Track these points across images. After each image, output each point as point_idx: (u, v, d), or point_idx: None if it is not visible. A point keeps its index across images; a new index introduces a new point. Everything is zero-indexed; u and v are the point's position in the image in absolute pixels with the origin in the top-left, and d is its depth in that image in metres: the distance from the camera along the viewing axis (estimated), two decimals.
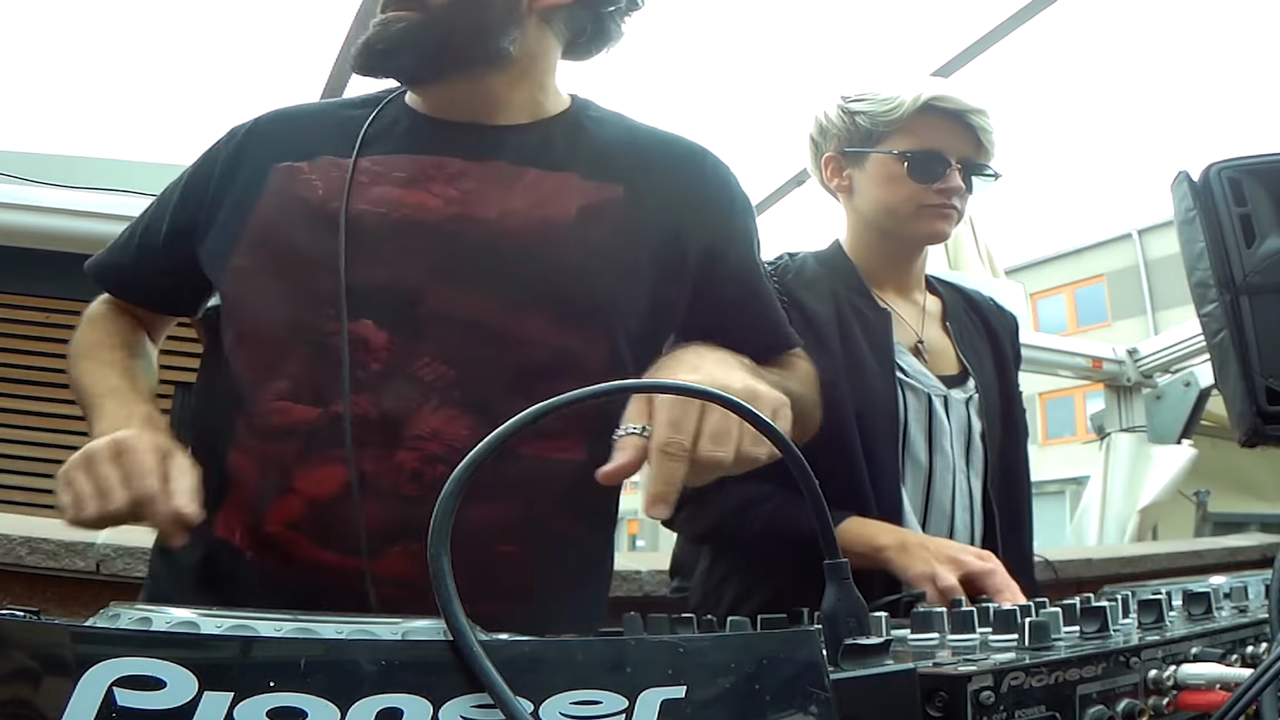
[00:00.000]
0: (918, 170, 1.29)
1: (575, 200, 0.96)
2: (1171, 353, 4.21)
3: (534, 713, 0.40)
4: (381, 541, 0.87)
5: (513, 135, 0.98)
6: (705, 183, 1.03)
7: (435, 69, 0.96)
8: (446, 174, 0.94)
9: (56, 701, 0.35)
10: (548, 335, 0.91)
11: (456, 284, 0.90)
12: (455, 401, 0.89)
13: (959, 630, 0.66)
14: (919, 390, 1.32)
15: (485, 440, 0.48)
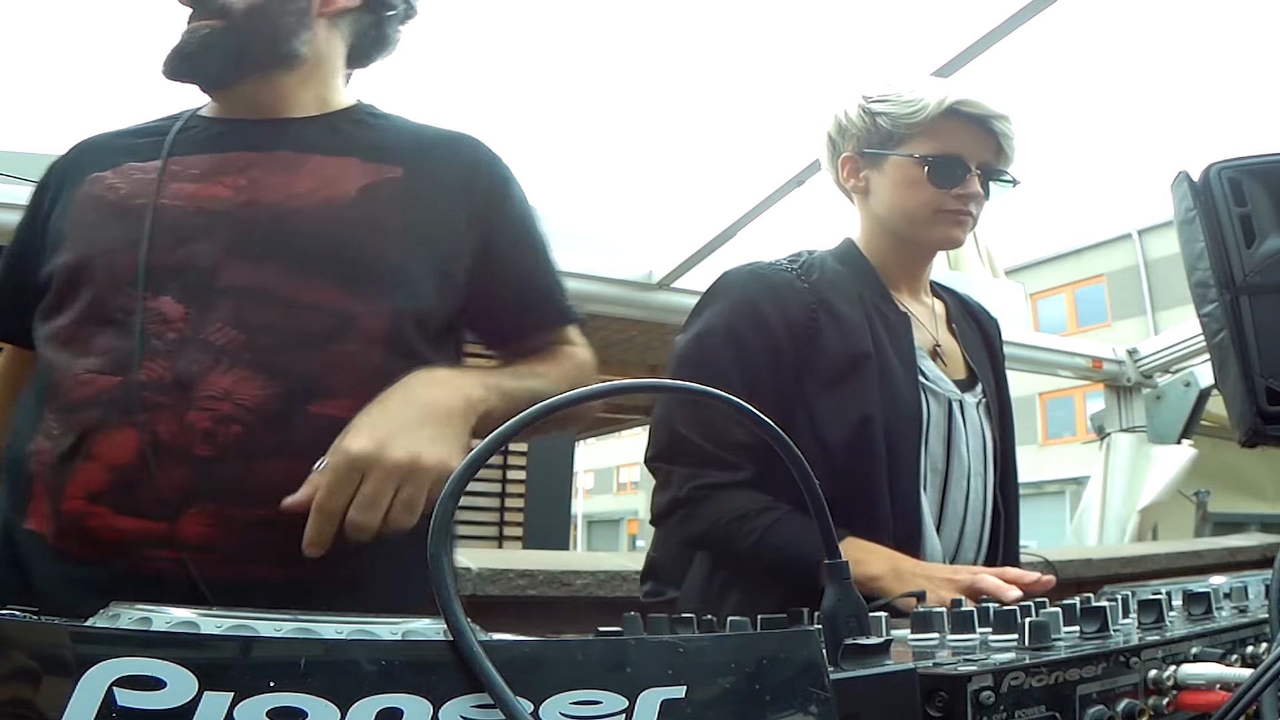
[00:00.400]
0: (937, 175, 1.27)
1: (356, 180, 1.06)
2: (1171, 353, 4.22)
3: (534, 713, 0.40)
4: (180, 504, 0.92)
5: (297, 126, 1.09)
6: (477, 165, 1.13)
7: (236, 72, 1.07)
8: (236, 166, 1.05)
9: (56, 701, 0.35)
10: (329, 300, 1.00)
11: (246, 260, 1.00)
12: (245, 362, 0.96)
13: (959, 630, 0.66)
14: (940, 395, 1.31)
15: (485, 441, 0.48)
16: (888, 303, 1.33)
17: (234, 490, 0.93)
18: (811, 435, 1.23)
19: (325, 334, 0.99)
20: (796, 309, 1.26)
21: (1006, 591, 1.10)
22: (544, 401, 0.51)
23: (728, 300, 1.31)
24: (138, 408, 0.94)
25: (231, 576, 0.93)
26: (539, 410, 0.51)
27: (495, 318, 1.17)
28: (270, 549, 0.92)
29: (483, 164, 1.14)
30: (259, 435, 0.95)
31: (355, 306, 1.01)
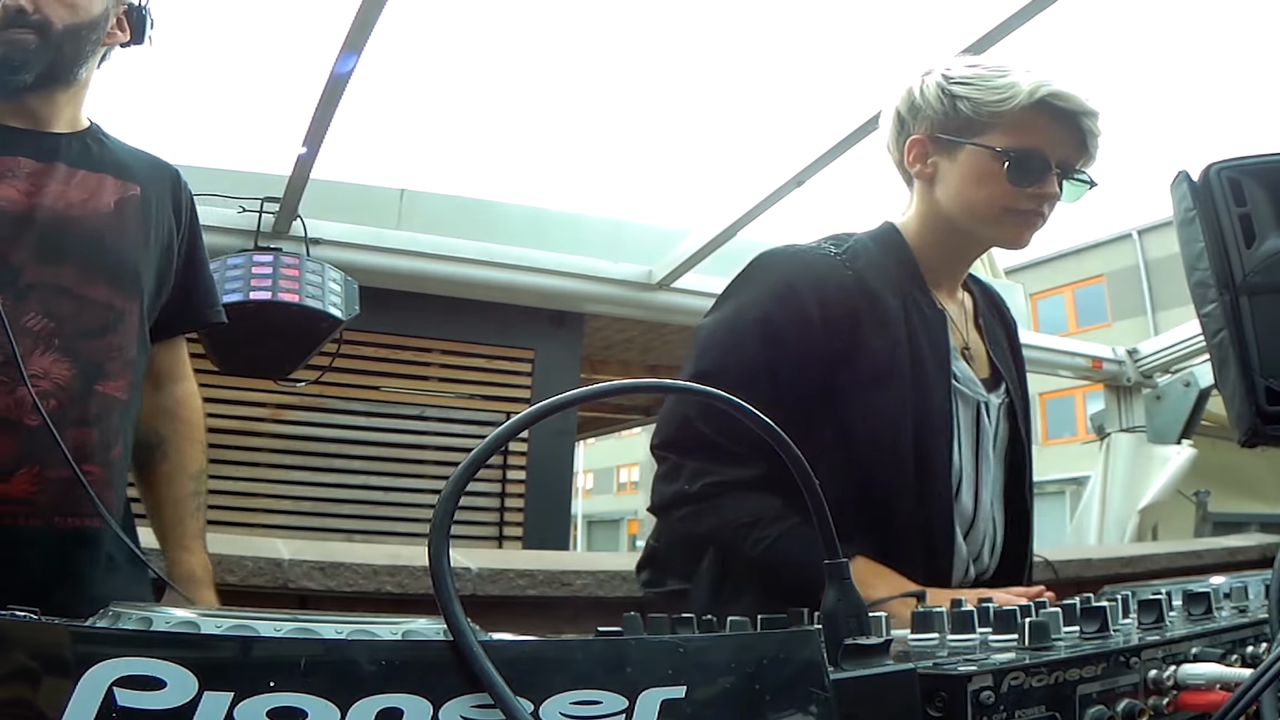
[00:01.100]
0: (1017, 172, 1.18)
1: (112, 195, 1.25)
2: (1171, 353, 4.21)
3: (534, 713, 0.40)
4: (11, 465, 1.12)
5: (63, 142, 1.25)
6: (176, 186, 1.37)
7: (35, 85, 1.21)
8: (24, 171, 1.20)
9: (56, 701, 0.35)
10: (105, 297, 1.21)
11: (43, 259, 1.17)
12: (56, 348, 1.16)
13: (959, 630, 0.66)
14: (969, 398, 1.27)
15: (485, 441, 0.48)
16: (926, 298, 1.26)
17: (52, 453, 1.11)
18: (839, 435, 1.19)
19: (104, 326, 1.21)
20: (838, 301, 1.19)
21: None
22: (544, 402, 0.51)
23: (767, 285, 1.23)
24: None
25: (43, 526, 1.14)
26: (539, 410, 0.51)
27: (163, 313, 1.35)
28: (77, 504, 1.15)
29: (184, 189, 1.38)
30: (68, 408, 1.16)
31: (120, 304, 1.23)
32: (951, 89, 1.21)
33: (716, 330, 1.24)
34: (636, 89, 67.43)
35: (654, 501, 1.26)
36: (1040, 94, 1.16)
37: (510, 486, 3.75)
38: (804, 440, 1.12)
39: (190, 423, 1.41)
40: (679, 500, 1.22)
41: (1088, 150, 1.21)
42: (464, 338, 3.74)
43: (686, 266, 3.34)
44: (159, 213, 1.31)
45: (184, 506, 1.37)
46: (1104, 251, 18.34)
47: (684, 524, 1.25)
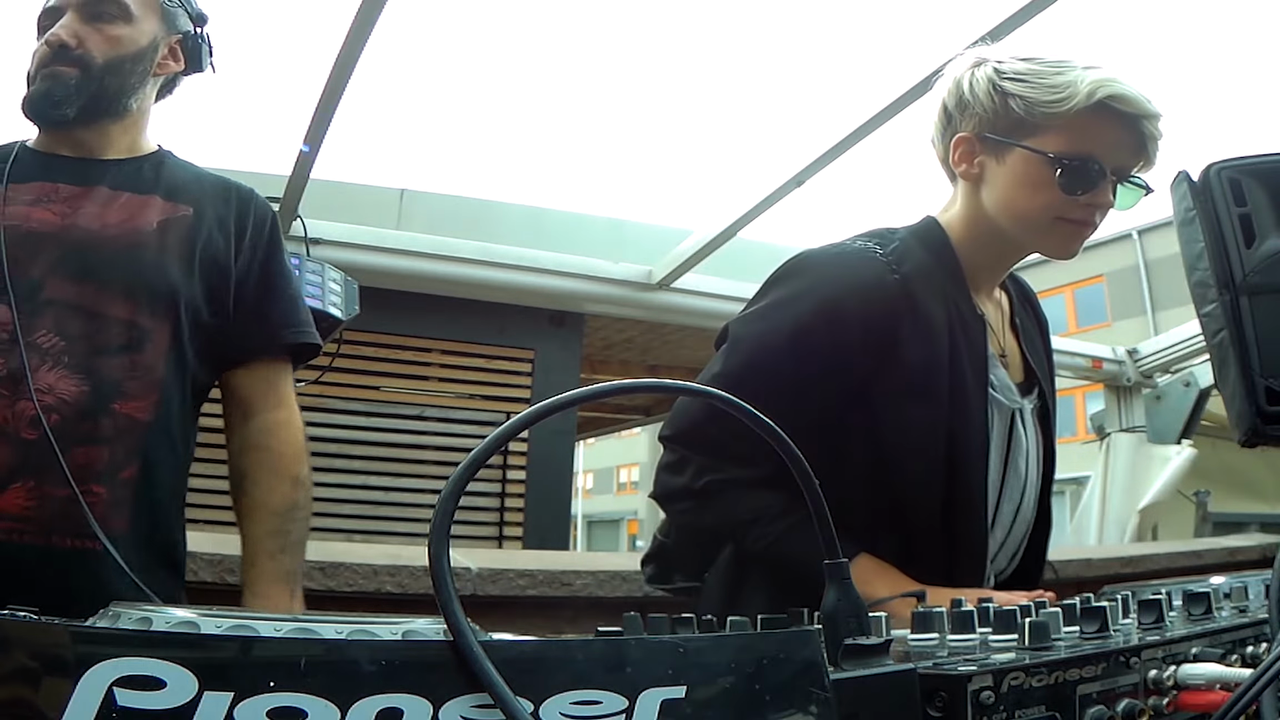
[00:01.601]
0: (1070, 179, 1.11)
1: (156, 216, 1.25)
2: (1171, 353, 4.21)
3: (534, 713, 0.40)
4: (7, 479, 1.10)
5: (115, 167, 1.27)
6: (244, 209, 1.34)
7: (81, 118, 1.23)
8: (61, 196, 1.22)
9: (56, 701, 0.35)
10: (128, 315, 1.19)
11: (65, 277, 1.17)
12: (65, 365, 1.15)
13: (959, 630, 0.66)
14: (1004, 406, 1.23)
15: (485, 441, 0.48)
16: (967, 303, 1.20)
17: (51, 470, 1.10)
18: (872, 444, 1.15)
19: (125, 345, 1.19)
20: (881, 312, 1.13)
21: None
22: (544, 402, 0.51)
23: (808, 290, 1.17)
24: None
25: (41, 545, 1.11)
26: (538, 410, 0.51)
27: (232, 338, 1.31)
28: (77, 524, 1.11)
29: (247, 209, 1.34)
30: (72, 425, 1.13)
31: (149, 323, 1.20)
32: (1004, 85, 1.13)
33: (748, 334, 1.19)
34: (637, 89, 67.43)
35: (656, 491, 1.24)
36: (1100, 95, 1.08)
37: (510, 486, 3.75)
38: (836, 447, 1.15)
39: (277, 453, 1.30)
40: (682, 494, 1.20)
41: (1146, 154, 1.14)
42: (464, 338, 3.74)
43: (686, 266, 3.34)
44: (212, 233, 1.29)
45: (260, 545, 1.26)
46: (1104, 251, 18.33)
47: (686, 518, 1.25)
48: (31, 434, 1.10)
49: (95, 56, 1.23)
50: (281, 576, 1.25)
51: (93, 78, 1.23)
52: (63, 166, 1.25)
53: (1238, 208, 0.94)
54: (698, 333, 4.18)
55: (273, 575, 1.25)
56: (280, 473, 1.29)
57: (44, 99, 1.22)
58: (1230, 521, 4.70)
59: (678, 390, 0.63)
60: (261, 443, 1.30)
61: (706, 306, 3.55)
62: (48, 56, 1.22)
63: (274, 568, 1.25)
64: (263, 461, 1.29)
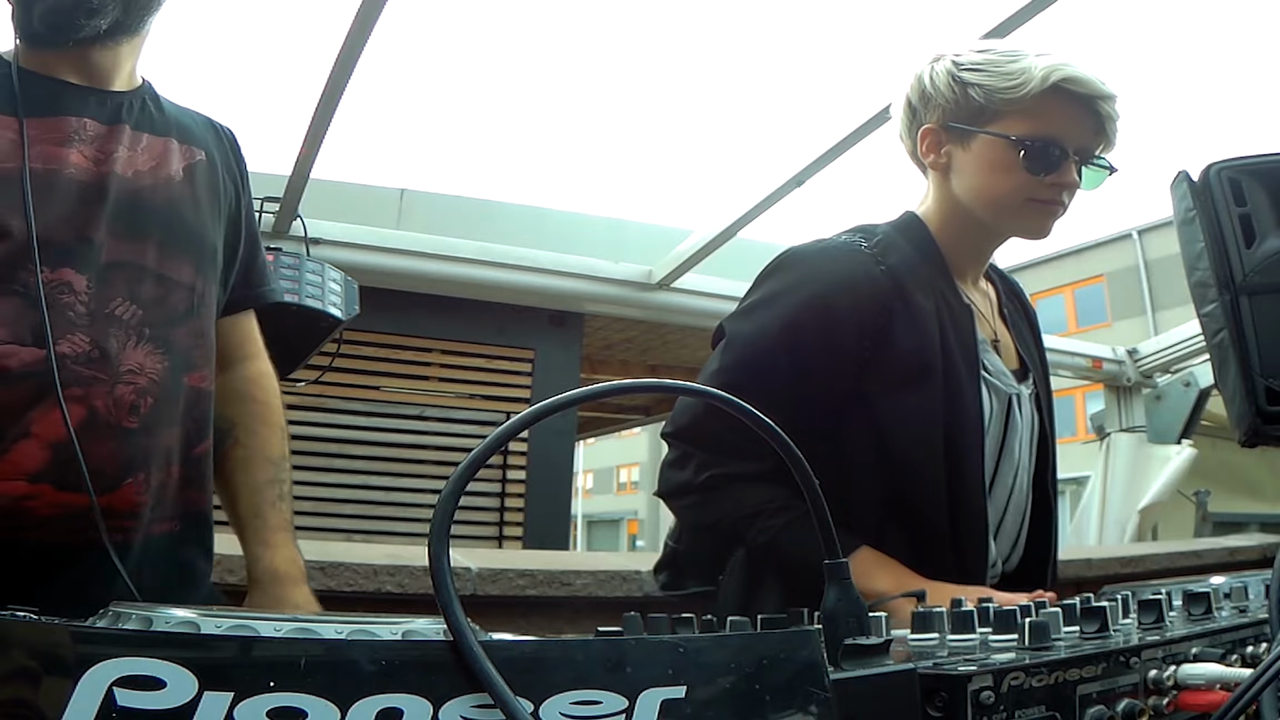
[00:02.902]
0: (1033, 160, 1.15)
1: (179, 161, 1.11)
2: (1171, 353, 4.21)
3: (534, 713, 0.40)
4: (117, 476, 0.98)
5: (123, 101, 1.09)
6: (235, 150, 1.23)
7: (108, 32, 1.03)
8: (90, 136, 1.04)
9: (56, 701, 0.35)
10: (188, 277, 1.07)
11: (121, 234, 1.02)
12: (147, 338, 1.01)
13: (959, 630, 0.66)
14: (1000, 391, 1.24)
15: (485, 441, 0.48)
16: (953, 292, 1.23)
17: (154, 458, 1.01)
18: (870, 436, 1.17)
19: (188, 309, 1.07)
20: (870, 304, 1.16)
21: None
22: (544, 402, 0.51)
23: (796, 285, 1.20)
24: (72, 381, 0.95)
25: (142, 538, 1.01)
26: (538, 410, 0.51)
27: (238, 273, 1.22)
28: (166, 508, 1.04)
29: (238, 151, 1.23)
30: (164, 406, 1.02)
31: (200, 283, 1.09)
32: (962, 75, 1.18)
33: (741, 332, 1.21)
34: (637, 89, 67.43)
35: (661, 487, 1.25)
36: (1054, 79, 1.13)
37: (510, 486, 3.75)
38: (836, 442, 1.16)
39: (265, 404, 1.24)
40: (686, 489, 1.21)
41: (1106, 135, 1.18)
42: (464, 338, 3.74)
43: (686, 266, 3.34)
44: (225, 181, 1.18)
45: (262, 495, 1.19)
46: (1104, 251, 18.33)
47: (690, 513, 1.25)
48: (132, 422, 0.99)
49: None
50: (284, 525, 1.20)
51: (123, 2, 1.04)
52: (82, 98, 1.05)
53: (1238, 208, 0.94)
54: (698, 333, 4.18)
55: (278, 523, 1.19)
56: (272, 423, 1.24)
57: (77, 7, 1.00)
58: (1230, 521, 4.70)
59: (678, 390, 0.63)
60: (249, 393, 1.24)
61: (706, 306, 3.56)
62: None
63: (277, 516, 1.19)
64: (254, 412, 1.23)
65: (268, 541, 1.16)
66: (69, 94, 1.05)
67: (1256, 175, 0.95)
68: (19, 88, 1.01)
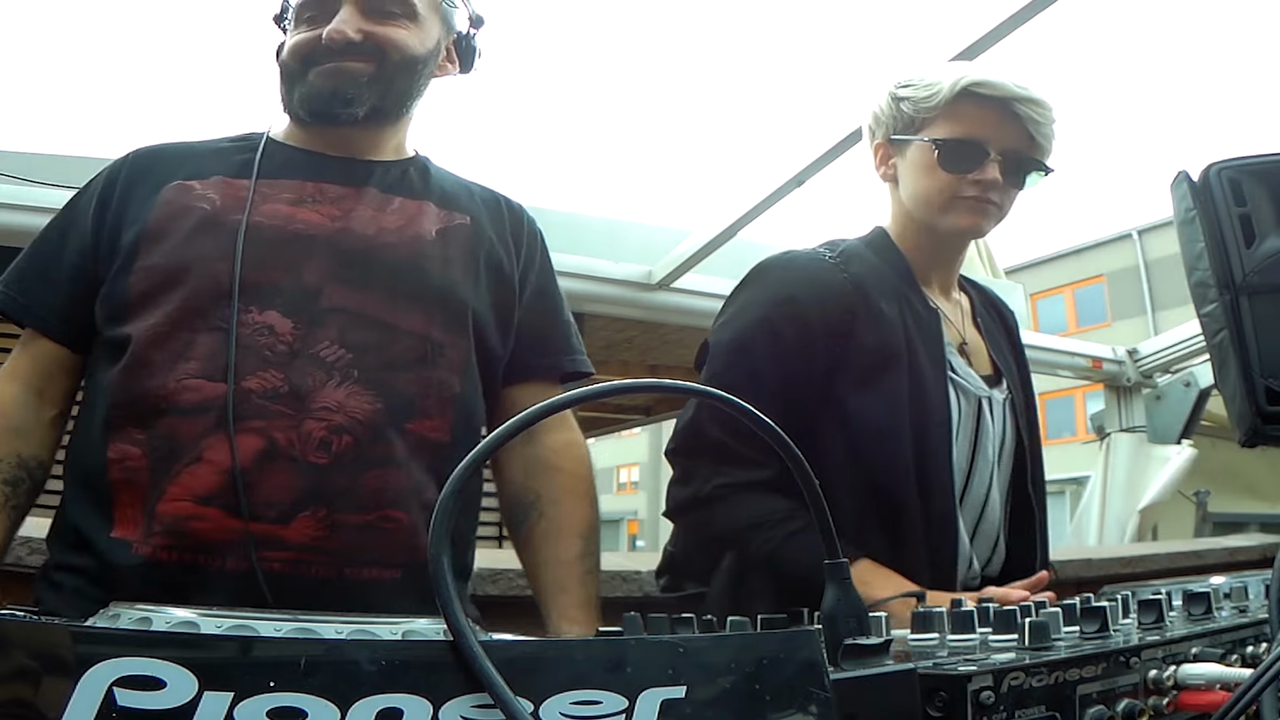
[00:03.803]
0: (948, 159, 1.24)
1: (434, 224, 1.15)
2: (1171, 353, 4.21)
3: (534, 713, 0.40)
4: (293, 507, 0.98)
5: (379, 169, 1.17)
6: (517, 222, 1.26)
7: (366, 119, 1.13)
8: (329, 197, 1.11)
9: (57, 701, 0.35)
10: (421, 328, 1.08)
11: (347, 284, 1.06)
12: (354, 379, 1.03)
13: (959, 630, 0.66)
14: (969, 393, 1.29)
15: (484, 441, 0.48)
16: (919, 297, 1.30)
17: (345, 496, 1.00)
18: (841, 434, 1.22)
19: (419, 359, 1.07)
20: (835, 305, 1.23)
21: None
22: (544, 402, 0.51)
23: (766, 292, 1.28)
24: (253, 414, 0.98)
25: (333, 577, 1.00)
26: (539, 410, 0.51)
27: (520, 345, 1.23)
28: (374, 553, 1.02)
29: (521, 222, 1.26)
30: (367, 447, 1.02)
31: (441, 336, 1.10)
32: (896, 93, 1.30)
33: (721, 339, 1.29)
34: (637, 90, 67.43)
35: (668, 506, 1.29)
36: (962, 84, 1.23)
37: None
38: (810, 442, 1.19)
39: (573, 474, 1.22)
40: (691, 504, 1.25)
41: (1032, 137, 1.24)
42: None
43: (686, 266, 3.34)
44: (493, 245, 1.19)
45: (568, 570, 1.17)
46: (1104, 251, 18.33)
47: (697, 527, 1.29)
48: (321, 458, 0.99)
49: (390, 54, 1.12)
50: (590, 601, 1.17)
51: (385, 76, 1.12)
52: (326, 165, 1.14)
53: (1238, 208, 0.94)
54: (698, 333, 4.16)
55: (583, 600, 1.17)
56: (581, 494, 1.22)
57: (333, 96, 1.10)
58: (1230, 521, 4.70)
59: (677, 390, 0.63)
60: (555, 463, 1.22)
61: (706, 306, 3.55)
62: (325, 52, 1.10)
63: (583, 592, 1.17)
64: (561, 483, 1.22)
65: (572, 618, 1.15)
66: (317, 163, 1.14)
67: (1256, 175, 0.95)
68: (260, 155, 1.12)
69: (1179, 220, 1.00)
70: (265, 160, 1.12)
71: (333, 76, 1.10)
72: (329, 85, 1.11)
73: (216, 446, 0.97)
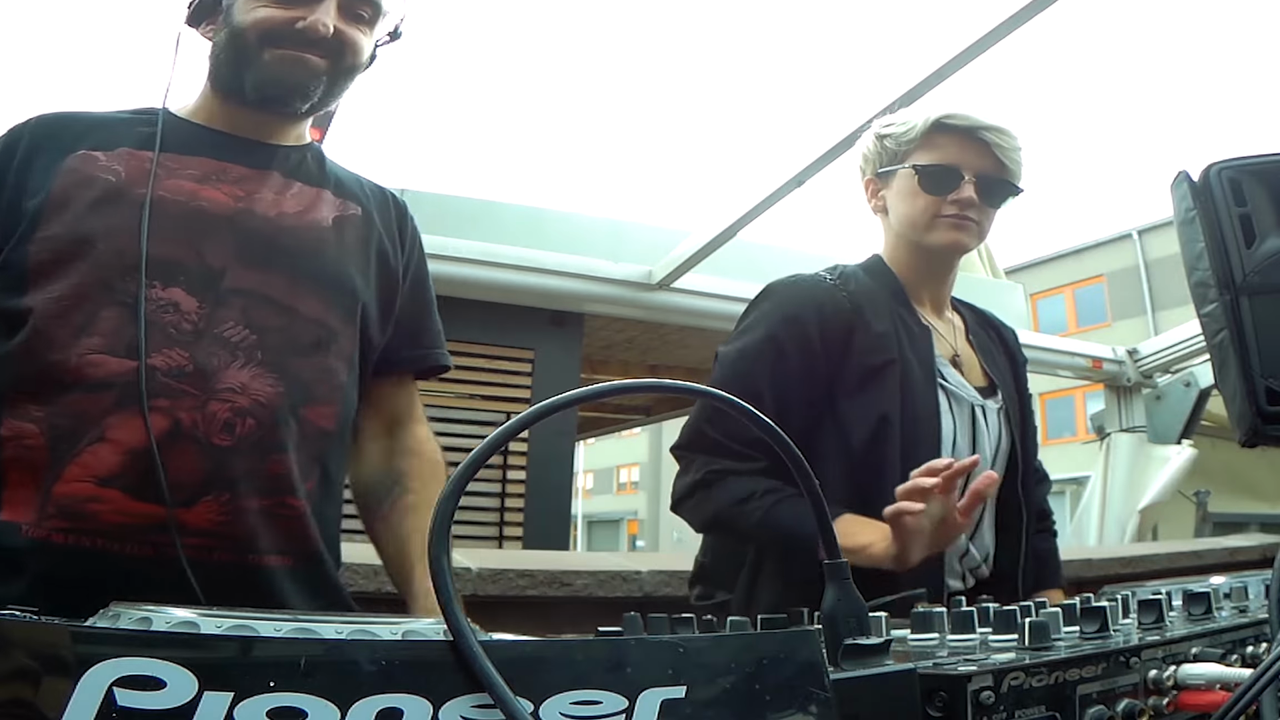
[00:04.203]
0: (929, 183, 1.38)
1: (331, 212, 1.16)
2: (1171, 353, 4.21)
3: (534, 713, 0.40)
4: (197, 491, 0.97)
5: (281, 153, 1.17)
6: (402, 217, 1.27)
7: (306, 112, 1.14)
8: (232, 177, 1.11)
9: (57, 701, 0.35)
10: (319, 314, 1.09)
11: (250, 264, 1.06)
12: (257, 361, 1.03)
13: (959, 630, 0.66)
14: (962, 400, 1.39)
15: (485, 441, 0.48)
16: (912, 315, 1.43)
17: (247, 481, 0.99)
18: (837, 436, 1.34)
19: (316, 344, 1.08)
20: (834, 322, 1.36)
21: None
22: (544, 402, 0.51)
23: (774, 312, 1.41)
24: (159, 393, 0.96)
25: (232, 562, 0.99)
26: (538, 410, 0.51)
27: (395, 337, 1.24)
28: (273, 540, 1.02)
29: (410, 219, 1.28)
30: (269, 431, 1.01)
31: (336, 325, 1.11)
32: (880, 132, 1.46)
33: (728, 353, 1.41)
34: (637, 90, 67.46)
35: (672, 498, 1.41)
36: (934, 117, 1.39)
37: (510, 486, 3.75)
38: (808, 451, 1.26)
39: (435, 463, 1.26)
40: (690, 490, 1.37)
41: (1002, 161, 1.38)
42: (464, 338, 3.74)
43: (686, 267, 3.34)
44: (382, 238, 1.21)
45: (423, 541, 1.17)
46: (1104, 251, 18.34)
47: (696, 512, 1.39)
48: (225, 440, 0.98)
49: (346, 56, 1.12)
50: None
51: (335, 77, 1.12)
52: (231, 145, 1.13)
53: (1238, 208, 0.94)
54: (697, 333, 4.18)
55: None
56: (441, 480, 1.25)
57: (292, 88, 1.10)
58: (1230, 521, 4.70)
59: (677, 390, 0.63)
60: (418, 449, 1.26)
61: (706, 306, 3.56)
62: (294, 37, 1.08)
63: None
64: (423, 468, 1.25)
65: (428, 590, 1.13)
66: (224, 142, 1.13)
67: (1256, 175, 0.95)
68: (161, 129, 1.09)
69: (1179, 220, 1.00)
70: (171, 136, 1.10)
71: (294, 66, 1.09)
72: (289, 76, 1.10)
73: (120, 425, 0.95)
